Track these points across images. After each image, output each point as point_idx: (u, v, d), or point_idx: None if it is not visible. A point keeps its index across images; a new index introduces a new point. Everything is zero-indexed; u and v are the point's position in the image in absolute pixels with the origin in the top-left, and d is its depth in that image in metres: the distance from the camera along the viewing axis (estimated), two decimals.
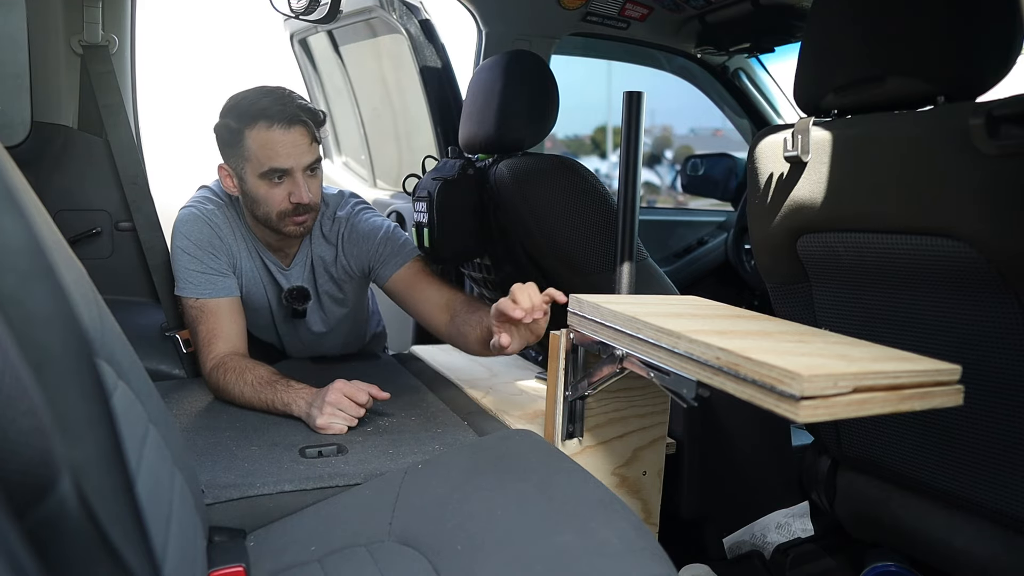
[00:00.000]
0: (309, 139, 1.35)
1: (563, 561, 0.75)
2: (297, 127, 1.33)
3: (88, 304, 0.62)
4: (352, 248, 1.50)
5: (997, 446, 0.95)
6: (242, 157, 1.35)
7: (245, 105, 1.34)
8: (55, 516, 0.39)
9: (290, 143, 1.32)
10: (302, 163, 1.34)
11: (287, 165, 1.33)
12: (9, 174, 0.47)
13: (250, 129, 1.32)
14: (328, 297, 1.59)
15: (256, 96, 1.34)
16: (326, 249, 1.53)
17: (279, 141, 1.32)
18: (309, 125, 1.34)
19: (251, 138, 1.32)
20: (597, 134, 8.92)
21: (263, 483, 1.02)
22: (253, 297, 1.52)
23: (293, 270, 1.53)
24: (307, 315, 1.59)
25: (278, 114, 1.31)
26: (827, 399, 0.65)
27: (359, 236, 1.50)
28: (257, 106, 1.32)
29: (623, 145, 1.22)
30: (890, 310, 1.01)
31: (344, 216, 1.51)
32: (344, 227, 1.51)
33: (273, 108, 1.31)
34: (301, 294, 1.54)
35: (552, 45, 2.21)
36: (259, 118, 1.31)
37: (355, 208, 1.53)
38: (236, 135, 1.34)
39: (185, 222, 1.44)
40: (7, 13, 1.58)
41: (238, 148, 1.35)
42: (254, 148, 1.33)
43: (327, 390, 1.22)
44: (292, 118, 1.32)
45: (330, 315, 1.62)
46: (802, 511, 1.37)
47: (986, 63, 0.86)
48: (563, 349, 1.09)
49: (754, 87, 2.59)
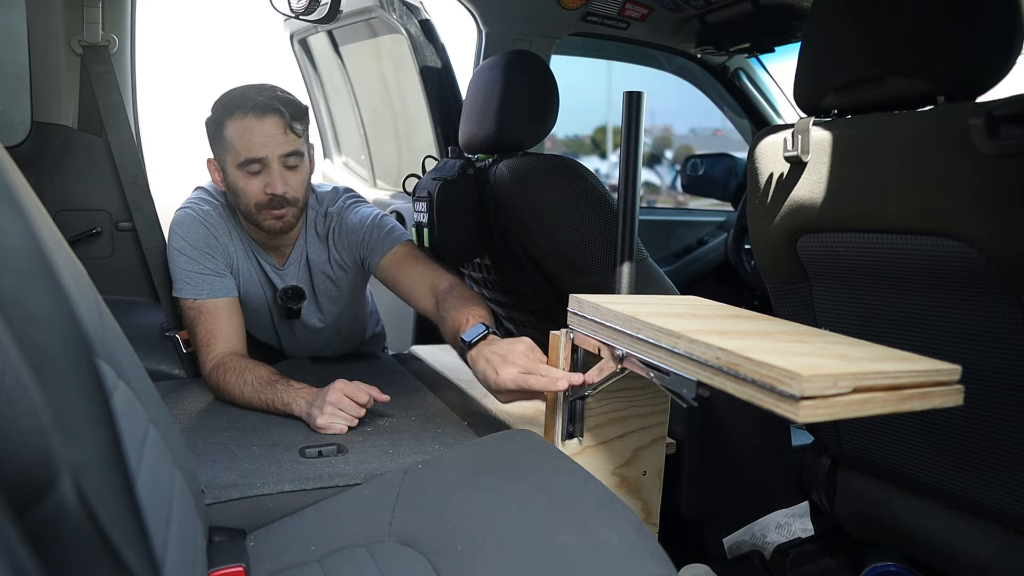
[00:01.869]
0: (283, 128, 1.35)
1: (563, 561, 0.75)
2: (271, 116, 1.33)
3: (88, 304, 0.62)
4: (342, 241, 1.51)
5: (997, 446, 0.95)
6: (223, 149, 1.37)
7: (227, 98, 1.37)
8: (55, 516, 0.39)
9: (264, 132, 1.33)
10: (276, 152, 1.35)
11: (261, 154, 1.34)
12: (9, 174, 0.47)
13: (229, 120, 1.34)
14: (325, 297, 1.58)
15: (240, 90, 1.37)
16: (319, 247, 1.53)
17: (253, 129, 1.33)
18: (283, 114, 1.34)
19: (229, 128, 1.34)
20: (597, 134, 8.92)
21: (263, 483, 1.02)
22: (251, 298, 1.52)
23: (288, 269, 1.53)
24: (302, 315, 1.59)
25: (252, 103, 1.33)
26: (827, 399, 0.65)
27: (347, 228, 1.50)
28: (236, 97, 1.35)
29: (623, 145, 1.22)
30: (890, 310, 1.01)
31: (335, 211, 1.52)
32: (335, 221, 1.51)
33: (249, 98, 1.33)
34: (296, 293, 1.54)
35: (552, 45, 2.21)
36: (236, 109, 1.34)
37: (346, 202, 1.54)
38: (218, 127, 1.36)
39: (181, 223, 1.44)
40: (7, 13, 1.58)
41: (221, 140, 1.37)
42: (232, 138, 1.34)
43: (328, 390, 1.22)
44: (265, 107, 1.33)
45: (327, 314, 1.62)
46: (802, 511, 1.37)
47: (986, 63, 0.86)
48: (563, 349, 1.09)
49: (754, 87, 2.59)
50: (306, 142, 1.42)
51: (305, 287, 1.55)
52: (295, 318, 1.59)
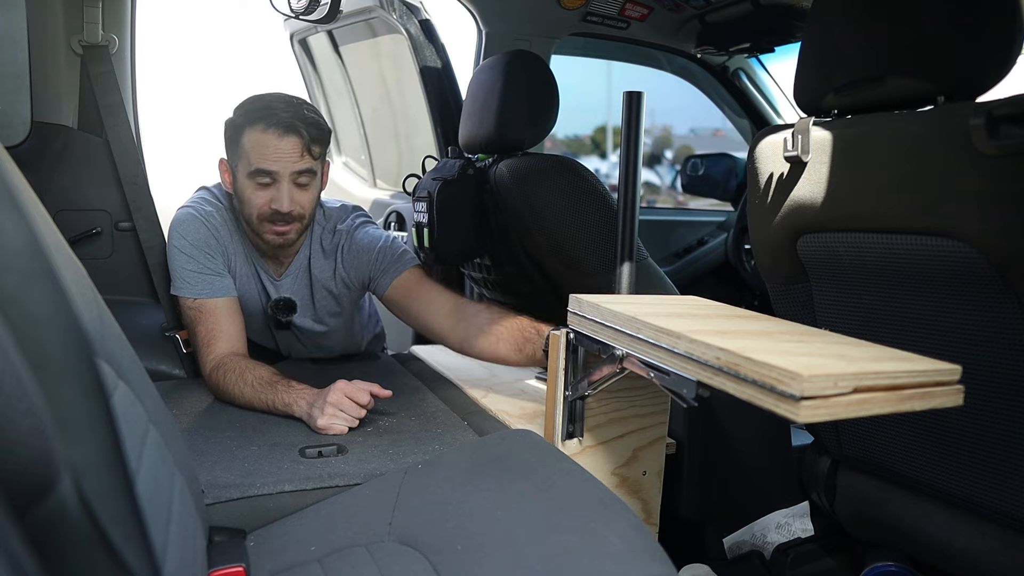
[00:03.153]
0: (302, 150, 1.34)
1: (563, 561, 0.75)
2: (291, 136, 1.33)
3: (88, 304, 0.61)
4: (351, 260, 1.50)
5: (997, 446, 0.95)
6: (237, 154, 1.37)
7: (253, 105, 1.36)
8: (55, 516, 0.39)
9: (281, 149, 1.33)
10: (289, 169, 1.34)
11: (274, 168, 1.33)
12: (9, 174, 0.47)
13: (249, 128, 1.34)
14: (325, 312, 1.58)
15: (269, 99, 1.36)
16: (324, 264, 1.52)
17: (270, 145, 1.32)
18: (304, 137, 1.33)
19: (247, 136, 1.34)
20: (597, 134, 8.91)
21: (263, 483, 1.02)
22: (247, 302, 1.52)
23: (284, 281, 1.52)
24: (298, 326, 1.58)
25: (276, 119, 1.32)
26: (827, 399, 0.65)
27: (358, 248, 1.49)
28: (262, 108, 1.34)
29: (623, 145, 1.22)
30: (890, 310, 1.01)
31: (344, 229, 1.51)
32: (344, 239, 1.51)
33: (275, 113, 1.33)
34: (287, 305, 1.53)
35: (552, 45, 2.21)
36: (259, 119, 1.33)
37: (355, 221, 1.53)
38: (237, 131, 1.36)
39: (182, 222, 1.44)
40: (7, 13, 1.58)
41: (236, 145, 1.36)
42: (247, 147, 1.34)
43: (328, 391, 1.22)
44: (289, 127, 1.32)
45: (327, 326, 1.62)
46: (802, 511, 1.37)
47: (986, 63, 0.86)
48: (563, 349, 1.09)
49: (754, 87, 2.59)
50: (322, 162, 1.42)
51: (302, 300, 1.54)
52: (284, 330, 1.59)
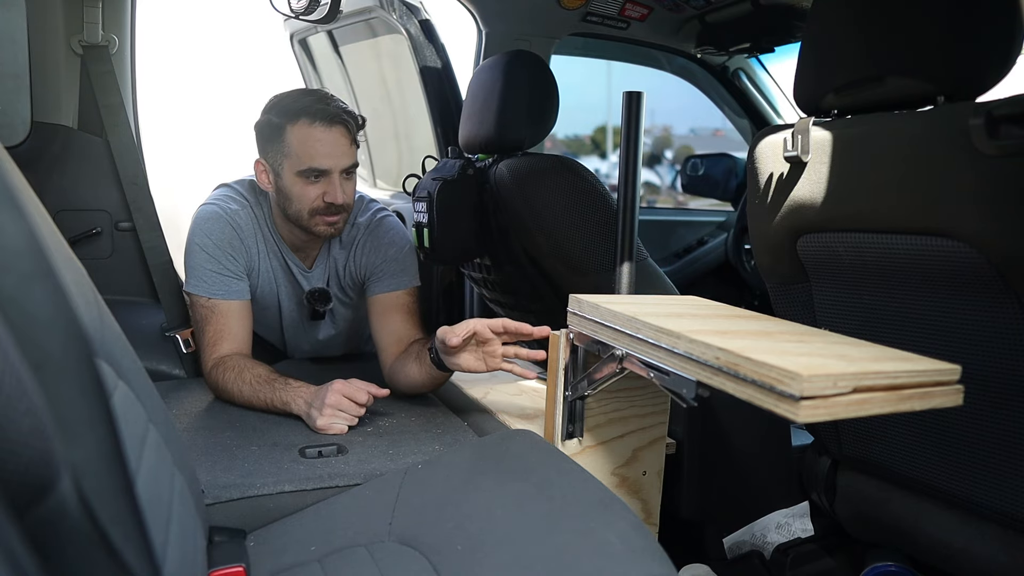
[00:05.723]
0: (349, 140, 1.35)
1: (563, 561, 0.75)
2: (338, 126, 1.33)
3: (88, 304, 0.61)
4: (361, 257, 1.50)
5: (997, 446, 0.95)
6: (281, 153, 1.35)
7: (288, 102, 1.35)
8: (55, 516, 0.39)
9: (330, 142, 1.33)
10: (340, 164, 1.35)
11: (326, 166, 1.33)
12: (9, 174, 0.47)
13: (292, 125, 1.33)
14: (339, 302, 1.59)
15: (298, 95, 1.37)
16: (340, 254, 1.53)
17: (319, 139, 1.32)
18: (350, 125, 1.35)
19: (292, 134, 1.33)
20: (597, 134, 8.92)
21: (263, 483, 1.02)
22: (264, 296, 1.52)
23: (315, 272, 1.53)
24: (329, 315, 1.59)
25: (320, 112, 1.32)
26: (827, 399, 0.65)
27: (374, 245, 1.49)
28: (300, 103, 1.34)
29: (623, 145, 1.22)
30: (890, 310, 1.01)
31: (364, 222, 1.51)
32: (361, 233, 1.50)
33: (315, 106, 1.33)
34: (323, 296, 1.54)
35: (552, 45, 2.21)
36: (301, 115, 1.32)
37: (376, 215, 1.52)
38: (277, 130, 1.34)
39: (207, 219, 1.43)
40: (7, 13, 1.58)
41: (278, 144, 1.35)
42: (294, 144, 1.33)
43: (326, 391, 1.22)
44: (333, 117, 1.33)
45: (340, 319, 1.63)
46: (802, 511, 1.37)
47: (986, 63, 0.86)
48: (563, 349, 1.09)
49: (754, 87, 2.59)
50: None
51: (332, 288, 1.56)
52: (318, 319, 1.60)
